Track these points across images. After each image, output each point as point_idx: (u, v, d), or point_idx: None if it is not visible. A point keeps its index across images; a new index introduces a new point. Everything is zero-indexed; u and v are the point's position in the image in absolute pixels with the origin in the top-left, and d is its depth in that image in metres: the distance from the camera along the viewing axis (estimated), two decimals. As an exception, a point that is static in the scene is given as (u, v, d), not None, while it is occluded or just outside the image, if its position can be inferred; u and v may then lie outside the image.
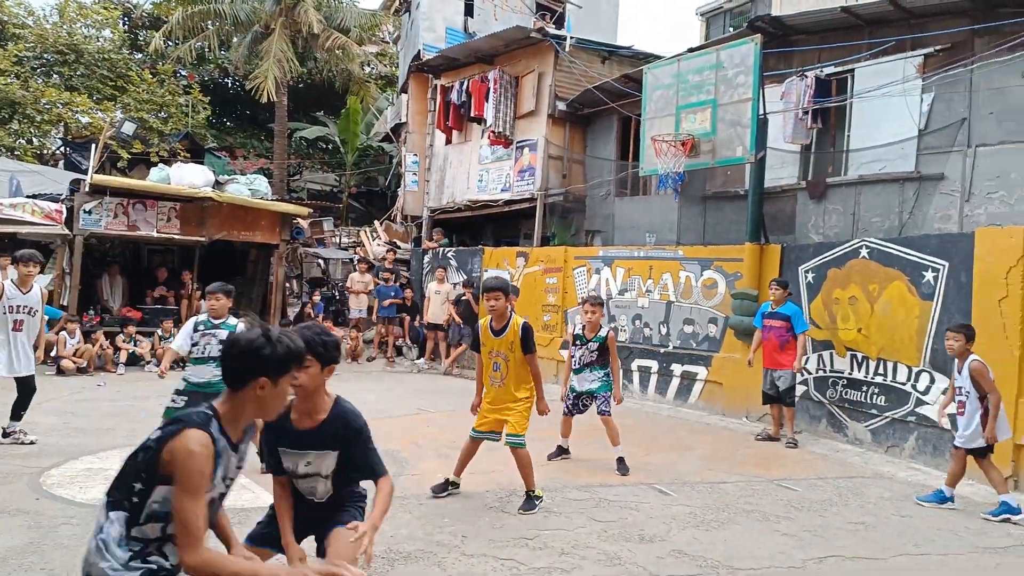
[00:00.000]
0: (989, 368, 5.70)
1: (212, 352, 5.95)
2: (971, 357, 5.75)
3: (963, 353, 5.77)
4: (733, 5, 22.68)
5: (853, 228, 9.52)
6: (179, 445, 2.02)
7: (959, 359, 5.83)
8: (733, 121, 9.27)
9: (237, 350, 2.13)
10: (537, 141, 13.73)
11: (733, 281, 9.52)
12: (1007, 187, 8.22)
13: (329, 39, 18.95)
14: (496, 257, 13.63)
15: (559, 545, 4.61)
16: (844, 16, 9.45)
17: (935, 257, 7.23)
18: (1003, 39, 8.03)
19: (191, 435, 2.04)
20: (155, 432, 2.15)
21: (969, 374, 5.68)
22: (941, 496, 5.83)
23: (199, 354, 6.03)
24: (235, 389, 2.16)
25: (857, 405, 7.95)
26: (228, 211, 12.79)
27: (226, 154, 22.95)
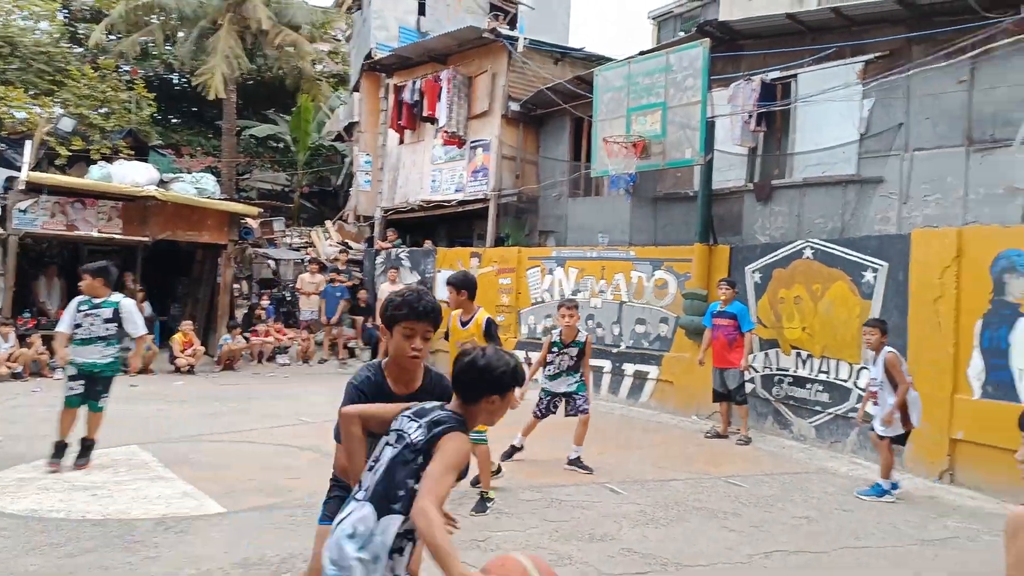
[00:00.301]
0: (903, 360, 6.10)
1: (98, 332, 6.02)
2: (886, 349, 6.11)
3: (879, 346, 6.12)
4: (684, 9, 23.04)
5: (798, 229, 9.76)
6: (452, 447, 2.22)
7: (875, 352, 6.15)
8: (682, 123, 9.41)
9: (475, 371, 2.34)
10: (490, 141, 13.72)
11: (683, 281, 9.66)
12: (942, 190, 8.53)
13: (279, 36, 18.62)
14: (450, 258, 13.56)
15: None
16: (789, 22, 9.68)
17: (875, 258, 7.46)
18: (938, 47, 8.33)
19: (461, 436, 2.26)
20: (416, 436, 2.27)
21: (883, 365, 6.02)
22: (879, 490, 6.03)
23: (84, 335, 6.03)
24: (468, 402, 2.36)
25: (802, 402, 8.15)
26: (173, 210, 12.43)
27: (172, 152, 22.29)
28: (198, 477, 5.84)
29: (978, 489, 6.23)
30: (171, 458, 6.41)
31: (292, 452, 6.89)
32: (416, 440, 2.25)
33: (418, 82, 14.69)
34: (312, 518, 4.95)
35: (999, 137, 8.11)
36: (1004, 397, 6.16)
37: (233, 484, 5.70)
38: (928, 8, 8.52)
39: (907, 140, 8.86)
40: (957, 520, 5.52)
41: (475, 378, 2.33)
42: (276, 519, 4.91)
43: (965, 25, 8.04)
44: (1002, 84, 8.04)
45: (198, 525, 4.77)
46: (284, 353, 13.47)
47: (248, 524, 4.80)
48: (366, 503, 2.25)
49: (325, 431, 3.27)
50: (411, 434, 2.27)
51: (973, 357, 6.43)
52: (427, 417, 2.30)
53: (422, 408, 2.38)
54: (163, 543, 4.44)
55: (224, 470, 6.13)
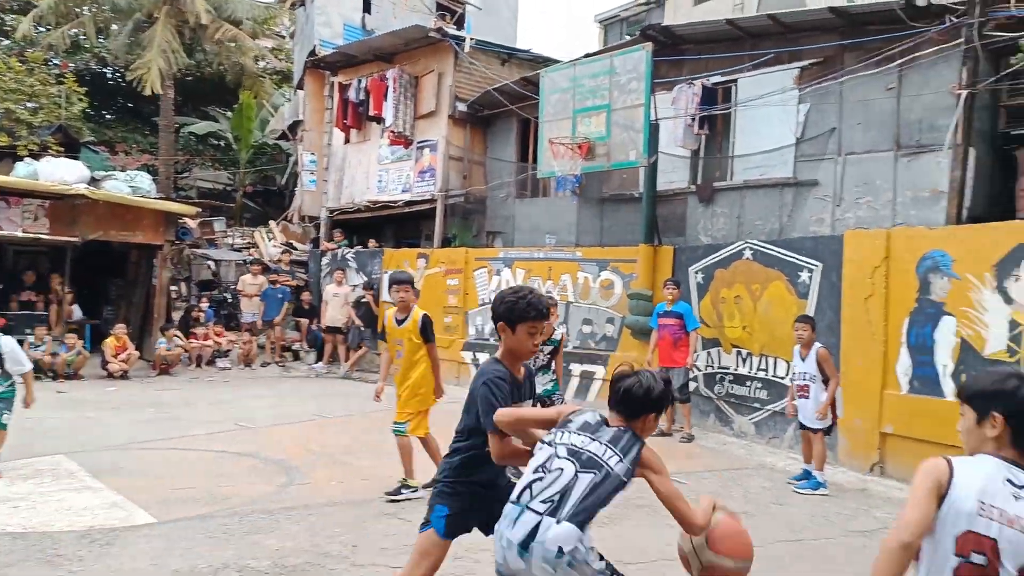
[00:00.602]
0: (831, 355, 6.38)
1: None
2: (817, 345, 6.36)
3: (810, 341, 6.37)
4: (630, 13, 23.38)
5: (738, 230, 9.98)
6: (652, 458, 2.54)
7: (805, 347, 6.39)
8: (627, 125, 9.52)
9: (639, 394, 2.60)
10: (437, 142, 13.63)
11: (629, 282, 9.77)
12: (873, 193, 8.84)
13: (219, 31, 18.12)
14: (397, 258, 13.42)
15: (453, 550, 4.51)
16: (729, 28, 9.90)
17: (810, 258, 7.68)
18: (868, 54, 8.64)
19: (648, 447, 2.57)
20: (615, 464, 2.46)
21: (816, 360, 6.27)
22: (816, 483, 6.22)
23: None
24: (631, 418, 2.62)
25: (742, 399, 8.33)
26: (105, 210, 11.95)
27: (106, 149, 21.48)
28: (128, 487, 5.63)
29: (906, 481, 6.47)
30: (99, 467, 6.16)
31: (229, 459, 6.70)
32: (620, 472, 2.45)
33: (364, 81, 14.50)
34: (248, 526, 4.84)
35: (924, 142, 8.45)
36: (929, 392, 6.42)
37: (165, 493, 5.51)
38: (859, 17, 8.83)
39: (840, 144, 9.16)
40: (886, 511, 5.72)
41: (639, 399, 2.60)
42: (209, 529, 4.76)
43: (893, 34, 8.35)
44: (927, 91, 8.38)
45: (126, 537, 4.59)
46: (224, 357, 13.10)
47: (179, 535, 4.64)
48: (565, 522, 2.35)
49: (265, 437, 3.18)
50: (611, 464, 2.45)
51: (901, 354, 6.68)
52: (614, 444, 2.51)
53: (588, 424, 2.61)
54: (88, 556, 4.25)
55: (156, 479, 5.92)
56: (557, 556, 2.31)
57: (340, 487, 5.86)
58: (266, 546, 4.48)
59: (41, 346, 11.12)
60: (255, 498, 5.46)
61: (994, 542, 1.83)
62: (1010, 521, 1.85)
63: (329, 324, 13.08)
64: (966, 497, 1.86)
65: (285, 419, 8.72)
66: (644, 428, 2.62)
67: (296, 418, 8.85)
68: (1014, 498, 1.87)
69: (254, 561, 4.22)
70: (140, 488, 5.60)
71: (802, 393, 6.42)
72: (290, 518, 5.02)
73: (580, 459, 2.46)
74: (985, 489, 1.87)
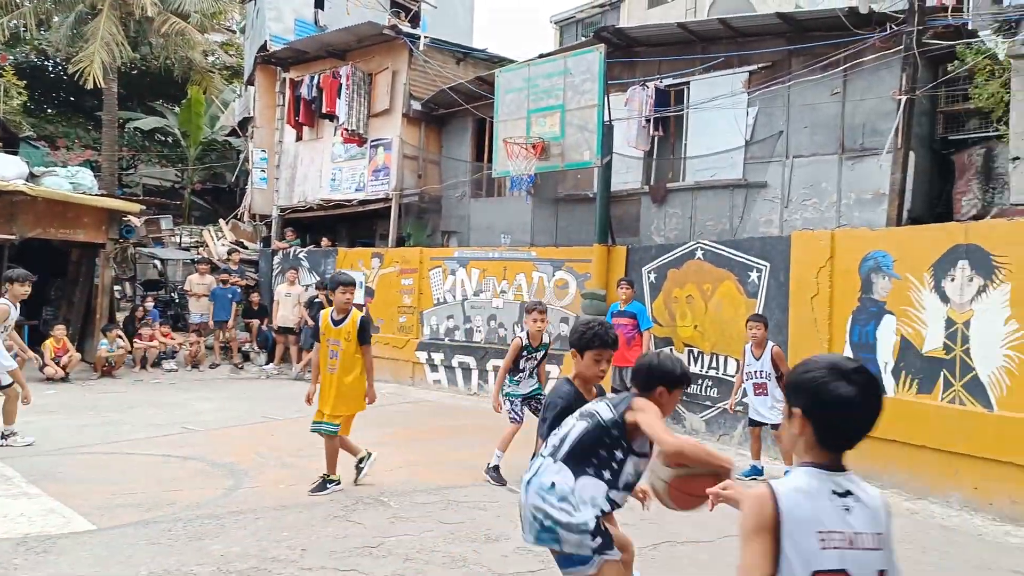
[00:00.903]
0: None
1: None
2: (770, 344, 6.58)
3: (763, 340, 6.58)
4: (585, 15, 23.58)
5: (690, 231, 10.15)
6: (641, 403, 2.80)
7: (758, 346, 6.59)
8: (581, 126, 9.59)
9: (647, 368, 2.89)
10: (392, 140, 13.52)
11: (583, 281, 9.83)
12: (819, 195, 9.08)
13: (166, 24, 17.62)
14: (351, 258, 13.26)
15: (404, 551, 4.52)
16: (681, 32, 10.06)
17: (759, 258, 7.85)
18: (815, 60, 8.88)
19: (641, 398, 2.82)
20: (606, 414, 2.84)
21: (771, 358, 6.49)
22: (755, 469, 6.49)
23: None
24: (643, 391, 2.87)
25: (694, 397, 8.46)
26: (44, 207, 11.50)
27: (46, 144, 20.71)
28: (67, 492, 5.43)
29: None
30: (37, 473, 5.93)
31: (174, 463, 6.52)
32: (607, 417, 2.84)
33: (316, 77, 14.29)
34: (192, 531, 4.72)
35: (867, 146, 8.72)
36: (872, 388, 6.62)
37: (106, 499, 5.32)
38: (806, 23, 9.06)
39: (787, 147, 9.39)
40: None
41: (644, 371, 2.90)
42: (152, 535, 4.61)
43: (838, 40, 8.60)
44: (870, 96, 8.66)
45: (64, 544, 4.42)
46: (171, 358, 12.75)
47: (120, 541, 4.49)
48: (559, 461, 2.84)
49: (212, 440, 3.10)
50: (602, 414, 2.86)
51: (844, 351, 6.86)
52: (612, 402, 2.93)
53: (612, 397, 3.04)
54: (24, 565, 4.08)
55: (96, 484, 5.72)
56: (549, 489, 2.81)
57: (289, 490, 5.75)
58: (211, 551, 4.37)
59: (-25, 348, 10.65)
60: (200, 502, 5.32)
61: (843, 573, 1.67)
62: (850, 542, 1.70)
63: (281, 324, 12.84)
64: (804, 533, 1.66)
65: (233, 421, 8.53)
66: (660, 402, 2.86)
67: (245, 420, 8.66)
68: (845, 510, 1.71)
69: (198, 567, 4.11)
70: (80, 494, 5.41)
71: (759, 391, 6.57)
72: (237, 522, 4.91)
73: (583, 414, 2.94)
74: (818, 516, 1.68)
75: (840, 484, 1.75)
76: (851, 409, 1.72)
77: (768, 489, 1.71)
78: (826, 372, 1.73)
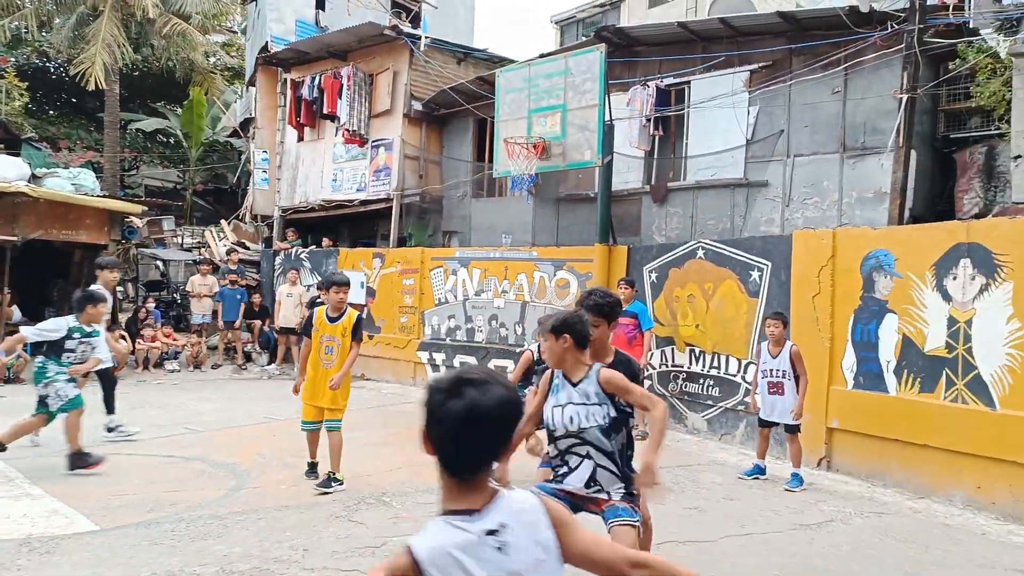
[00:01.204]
0: None
1: None
2: (789, 343, 6.44)
3: (781, 338, 6.43)
4: (586, 15, 23.56)
5: (692, 230, 10.14)
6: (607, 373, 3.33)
7: (776, 344, 6.45)
8: (581, 126, 9.58)
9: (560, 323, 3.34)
10: (393, 141, 13.52)
11: (584, 281, 9.83)
12: (820, 193, 9.07)
13: (167, 25, 17.63)
14: (352, 258, 13.27)
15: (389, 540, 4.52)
16: (681, 31, 10.06)
17: (760, 257, 7.84)
18: (815, 59, 8.87)
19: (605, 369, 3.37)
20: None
21: (790, 357, 6.33)
22: (799, 479, 6.31)
23: None
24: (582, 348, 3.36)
25: (695, 397, 8.46)
26: (46, 208, 11.52)
27: (48, 145, 20.74)
28: (69, 493, 5.44)
29: (851, 474, 6.66)
30: (40, 474, 5.94)
31: (176, 463, 6.53)
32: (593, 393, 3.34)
33: (317, 78, 14.30)
34: (195, 532, 4.73)
35: (869, 144, 8.71)
36: (873, 388, 6.61)
37: (108, 500, 5.33)
38: (807, 22, 9.05)
39: (788, 146, 9.38)
40: (832, 504, 5.87)
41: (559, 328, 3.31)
42: (155, 535, 4.62)
43: (839, 39, 8.59)
44: (871, 95, 8.65)
45: (67, 545, 4.43)
46: (173, 359, 12.77)
47: (123, 542, 4.50)
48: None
49: (215, 440, 3.10)
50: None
51: (846, 350, 6.87)
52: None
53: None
54: (27, 566, 4.10)
55: (99, 485, 5.73)
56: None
57: (291, 490, 5.76)
58: (214, 552, 4.38)
59: (-23, 350, 10.67)
60: (203, 503, 5.33)
61: None
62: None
63: (283, 325, 12.85)
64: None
65: (235, 422, 8.54)
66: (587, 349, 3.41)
67: (247, 421, 8.67)
68: (498, 551, 1.54)
69: (201, 568, 4.12)
70: (83, 494, 5.42)
71: (774, 390, 6.42)
72: (239, 523, 4.92)
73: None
74: (472, 568, 1.51)
75: (487, 523, 1.56)
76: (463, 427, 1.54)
77: (407, 555, 1.54)
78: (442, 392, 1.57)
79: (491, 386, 1.57)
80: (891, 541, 5.08)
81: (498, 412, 1.56)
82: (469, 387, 1.56)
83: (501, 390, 1.58)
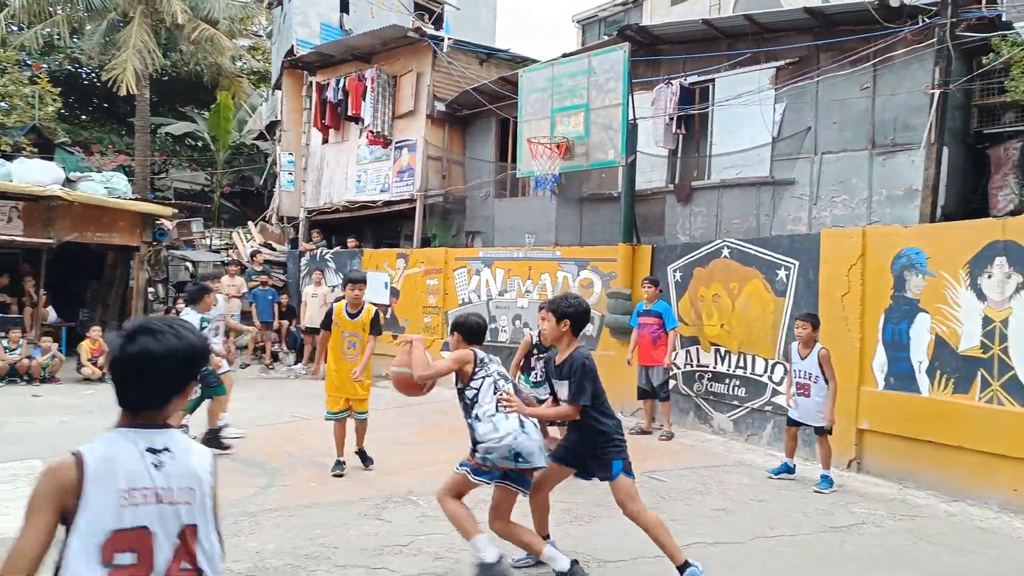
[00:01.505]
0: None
1: None
2: (819, 345, 6.35)
3: (810, 340, 6.35)
4: (607, 14, 23.46)
5: (716, 229, 10.06)
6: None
7: (805, 346, 6.39)
8: (605, 125, 9.56)
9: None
10: (416, 141, 13.60)
11: (608, 281, 9.81)
12: (848, 191, 8.95)
13: (196, 30, 17.89)
14: (376, 259, 13.37)
15: (434, 550, 4.56)
16: (705, 28, 9.97)
17: (787, 256, 7.76)
18: (843, 54, 8.75)
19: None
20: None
21: (818, 360, 6.26)
22: (829, 481, 6.25)
23: None
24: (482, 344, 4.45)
25: (721, 397, 8.40)
26: (80, 211, 11.79)
27: (80, 150, 21.17)
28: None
29: (882, 476, 6.57)
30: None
31: (208, 462, 6.63)
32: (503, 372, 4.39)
33: (342, 80, 14.43)
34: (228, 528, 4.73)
35: (899, 141, 8.58)
36: (905, 388, 6.51)
37: (143, 497, 5.43)
38: (834, 18, 8.93)
39: (815, 143, 9.26)
40: (863, 507, 5.79)
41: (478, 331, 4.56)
42: (188, 532, 4.71)
43: (868, 34, 8.46)
44: (901, 91, 8.51)
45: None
46: (203, 359, 12.95)
47: (157, 539, 4.58)
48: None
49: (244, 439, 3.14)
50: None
51: (877, 350, 6.77)
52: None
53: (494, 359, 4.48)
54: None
55: (133, 483, 5.84)
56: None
57: (320, 488, 5.83)
58: (246, 548, 4.44)
59: (16, 349, 10.95)
60: (235, 500, 5.41)
61: (144, 529, 1.69)
62: (157, 497, 1.71)
63: (308, 325, 12.98)
64: (104, 493, 1.66)
65: (264, 420, 8.66)
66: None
67: (276, 419, 8.78)
68: (155, 467, 1.72)
69: (235, 564, 4.18)
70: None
71: (802, 392, 6.38)
72: (271, 520, 4.99)
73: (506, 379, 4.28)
74: (122, 475, 1.69)
75: (155, 441, 1.76)
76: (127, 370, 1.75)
77: (74, 456, 1.70)
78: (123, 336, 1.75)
79: (166, 336, 1.75)
80: (925, 544, 5.01)
81: (167, 361, 1.74)
82: (146, 335, 1.74)
83: (175, 341, 1.75)
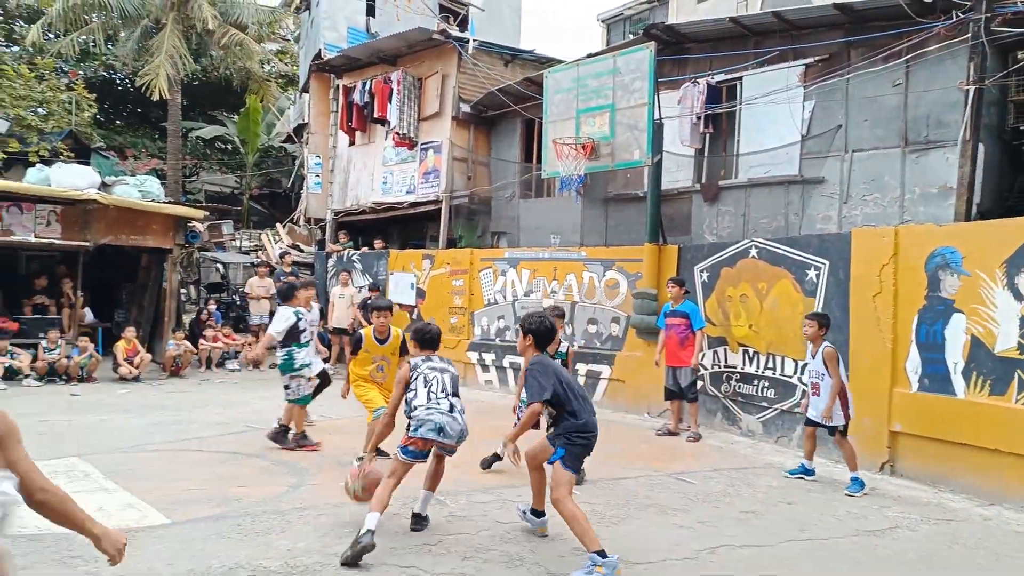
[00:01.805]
0: (839, 356, 6.34)
1: None
2: (825, 344, 6.35)
3: (817, 339, 6.37)
4: (633, 12, 23.35)
5: (744, 229, 9.98)
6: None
7: (813, 344, 6.39)
8: (631, 125, 9.53)
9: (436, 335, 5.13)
10: (441, 143, 13.68)
11: (634, 281, 9.78)
12: (880, 190, 8.82)
13: (225, 35, 18.19)
14: (402, 260, 13.47)
15: (461, 549, 4.59)
16: (732, 26, 9.90)
17: (817, 256, 7.67)
18: (874, 51, 8.62)
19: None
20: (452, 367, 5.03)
21: (822, 358, 6.26)
22: (860, 483, 6.17)
23: None
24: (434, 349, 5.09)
25: (749, 398, 8.32)
26: (115, 214, 12.05)
27: (115, 154, 21.65)
28: (142, 488, 5.67)
29: (916, 479, 6.46)
30: (114, 469, 6.22)
31: (240, 460, 6.75)
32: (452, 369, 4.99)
33: (368, 83, 14.56)
34: (260, 526, 4.89)
35: (932, 138, 8.43)
36: (940, 390, 6.40)
37: (178, 494, 5.55)
38: (864, 13, 8.80)
39: (846, 141, 9.14)
40: (897, 510, 5.71)
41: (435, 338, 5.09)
42: (222, 529, 4.80)
43: (899, 30, 8.33)
44: (934, 87, 8.36)
45: (140, 537, 4.63)
46: (234, 359, 13.18)
47: (193, 535, 4.68)
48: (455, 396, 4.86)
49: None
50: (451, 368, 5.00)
51: (910, 351, 6.66)
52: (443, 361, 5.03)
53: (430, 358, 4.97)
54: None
55: (169, 480, 5.97)
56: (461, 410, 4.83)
57: (350, 488, 5.89)
58: (277, 546, 4.52)
59: (54, 349, 11.23)
60: (266, 499, 5.50)
61: None
62: None
63: (335, 325, 13.13)
64: None
65: (294, 421, 8.76)
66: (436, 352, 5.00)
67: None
68: None
69: (266, 561, 4.26)
70: (153, 489, 5.65)
71: (814, 391, 6.44)
72: (301, 518, 5.06)
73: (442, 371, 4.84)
74: None
75: None
76: None
77: None
78: None
79: None
80: (960, 549, 4.92)
81: None
82: None
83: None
